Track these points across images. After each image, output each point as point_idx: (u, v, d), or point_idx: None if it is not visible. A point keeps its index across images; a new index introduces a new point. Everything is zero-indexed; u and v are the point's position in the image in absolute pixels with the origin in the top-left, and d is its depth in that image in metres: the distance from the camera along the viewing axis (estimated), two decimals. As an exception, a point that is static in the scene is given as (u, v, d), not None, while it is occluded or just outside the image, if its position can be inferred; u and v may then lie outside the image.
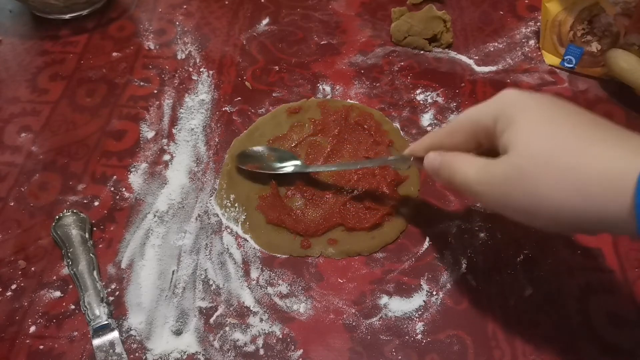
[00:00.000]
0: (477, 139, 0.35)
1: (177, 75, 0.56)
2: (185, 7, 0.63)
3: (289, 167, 0.46)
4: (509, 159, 0.31)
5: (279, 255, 0.43)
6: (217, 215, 0.45)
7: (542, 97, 0.33)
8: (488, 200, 0.33)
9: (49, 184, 0.48)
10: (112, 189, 0.47)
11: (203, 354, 0.38)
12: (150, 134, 0.51)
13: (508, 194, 0.31)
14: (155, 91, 0.55)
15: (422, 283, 0.41)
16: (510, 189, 0.31)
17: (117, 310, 0.40)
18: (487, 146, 0.34)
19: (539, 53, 0.56)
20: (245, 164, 0.47)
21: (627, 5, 0.49)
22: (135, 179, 0.48)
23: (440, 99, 0.53)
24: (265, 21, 0.61)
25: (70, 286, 0.41)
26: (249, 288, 0.41)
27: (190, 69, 0.57)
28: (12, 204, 0.46)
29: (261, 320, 0.40)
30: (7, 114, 0.53)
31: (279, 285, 0.41)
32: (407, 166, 0.41)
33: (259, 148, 0.48)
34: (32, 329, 0.39)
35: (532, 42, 0.58)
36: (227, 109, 0.53)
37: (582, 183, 0.28)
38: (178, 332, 0.39)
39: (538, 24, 0.59)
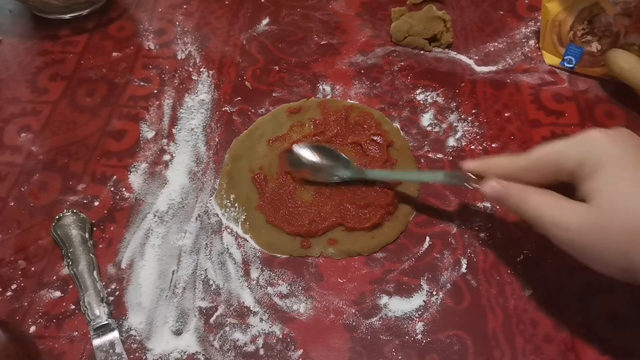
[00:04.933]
0: (557, 178, 0.35)
1: (177, 75, 0.56)
2: (185, 7, 0.63)
3: (343, 172, 0.45)
4: (591, 211, 0.32)
5: (279, 255, 0.43)
6: (217, 215, 0.45)
7: (629, 143, 0.33)
8: (561, 243, 0.34)
9: (49, 184, 0.48)
10: (112, 189, 0.47)
11: (203, 354, 0.38)
12: (150, 134, 0.51)
13: (584, 244, 0.32)
14: (155, 91, 0.55)
15: (422, 283, 0.41)
16: (589, 240, 0.32)
17: (117, 310, 0.40)
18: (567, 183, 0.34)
19: (539, 53, 0.56)
20: (297, 171, 0.46)
21: (627, 5, 0.49)
22: (135, 179, 0.48)
23: (440, 99, 0.53)
24: (265, 21, 0.61)
25: (70, 286, 0.41)
26: (249, 288, 0.41)
27: (190, 69, 0.57)
28: (12, 204, 0.46)
29: (261, 320, 0.40)
30: (7, 114, 0.53)
31: (279, 285, 0.41)
32: (462, 184, 0.40)
33: (306, 153, 0.46)
34: (32, 329, 0.39)
35: (532, 42, 0.58)
36: (227, 109, 0.53)
37: None
38: (178, 332, 0.39)
39: (538, 24, 0.59)
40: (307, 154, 0.46)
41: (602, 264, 0.32)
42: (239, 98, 0.54)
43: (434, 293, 0.41)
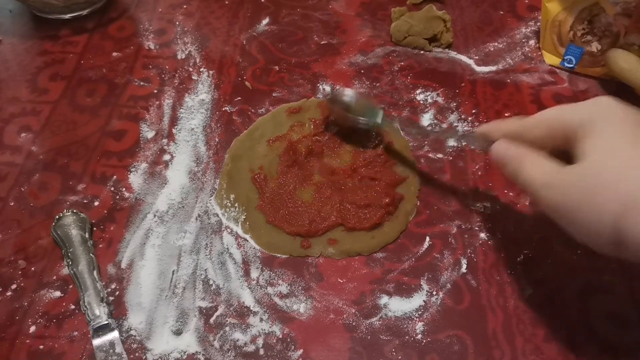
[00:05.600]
0: (556, 136, 0.34)
1: (177, 75, 0.56)
2: (185, 7, 0.63)
3: (370, 119, 0.47)
4: (579, 169, 0.31)
5: (279, 255, 0.43)
6: (217, 215, 0.45)
7: (634, 112, 0.32)
8: (548, 206, 0.32)
9: (49, 184, 0.48)
10: (112, 189, 0.47)
11: (203, 354, 0.38)
12: (150, 134, 0.51)
13: (570, 203, 0.30)
14: (155, 91, 0.55)
15: (422, 283, 0.41)
16: (573, 199, 0.30)
17: (117, 310, 0.40)
18: (563, 148, 0.33)
19: (539, 53, 0.56)
20: (334, 107, 0.48)
21: (627, 5, 0.49)
22: (135, 179, 0.48)
23: (440, 99, 0.53)
24: (265, 21, 0.61)
25: (70, 286, 0.41)
26: (249, 288, 0.41)
27: (190, 69, 0.57)
28: (12, 204, 0.46)
29: (261, 320, 0.40)
30: (7, 114, 0.53)
31: (279, 285, 0.41)
32: (477, 145, 0.42)
33: (350, 94, 0.48)
34: (32, 329, 0.39)
35: (532, 42, 0.58)
36: (227, 109, 0.53)
37: None
38: (178, 332, 0.39)
39: (538, 24, 0.59)
40: (349, 94, 0.49)
41: (587, 231, 0.30)
42: (239, 98, 0.54)
43: (434, 293, 0.41)
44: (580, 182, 0.30)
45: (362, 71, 0.56)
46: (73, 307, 0.40)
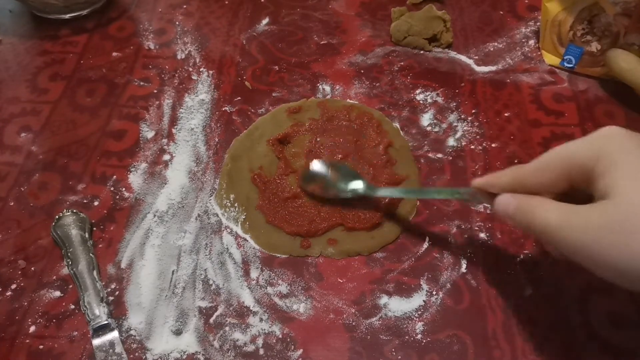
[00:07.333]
0: (570, 178, 0.32)
1: (177, 75, 0.56)
2: (185, 7, 0.63)
3: (353, 189, 0.44)
4: (608, 206, 0.28)
5: (278, 255, 0.43)
6: (217, 215, 0.45)
7: None
8: (572, 249, 0.30)
9: (49, 184, 0.48)
10: (112, 188, 0.47)
11: (203, 354, 0.38)
12: (150, 134, 0.51)
13: (599, 244, 0.28)
14: (155, 91, 0.55)
15: (422, 283, 0.41)
16: (604, 239, 0.28)
17: (117, 310, 0.40)
18: (581, 187, 0.32)
19: (539, 53, 0.56)
20: (308, 186, 0.45)
21: (627, 5, 0.49)
22: (135, 178, 0.48)
23: (440, 99, 0.53)
24: (265, 21, 0.61)
25: (70, 286, 0.41)
26: (249, 288, 0.41)
27: (190, 69, 0.57)
28: (12, 204, 0.46)
29: (261, 320, 0.40)
30: (7, 114, 0.53)
31: (279, 285, 0.41)
32: (477, 202, 0.40)
33: (321, 168, 0.45)
34: (32, 328, 0.39)
35: (532, 42, 0.58)
36: (227, 108, 0.53)
37: None
38: (178, 332, 0.39)
39: (538, 24, 0.59)
40: (320, 168, 0.45)
41: (620, 272, 0.28)
42: (239, 98, 0.54)
43: (434, 293, 0.41)
44: (609, 221, 0.28)
45: (362, 71, 0.56)
46: (73, 307, 0.40)
